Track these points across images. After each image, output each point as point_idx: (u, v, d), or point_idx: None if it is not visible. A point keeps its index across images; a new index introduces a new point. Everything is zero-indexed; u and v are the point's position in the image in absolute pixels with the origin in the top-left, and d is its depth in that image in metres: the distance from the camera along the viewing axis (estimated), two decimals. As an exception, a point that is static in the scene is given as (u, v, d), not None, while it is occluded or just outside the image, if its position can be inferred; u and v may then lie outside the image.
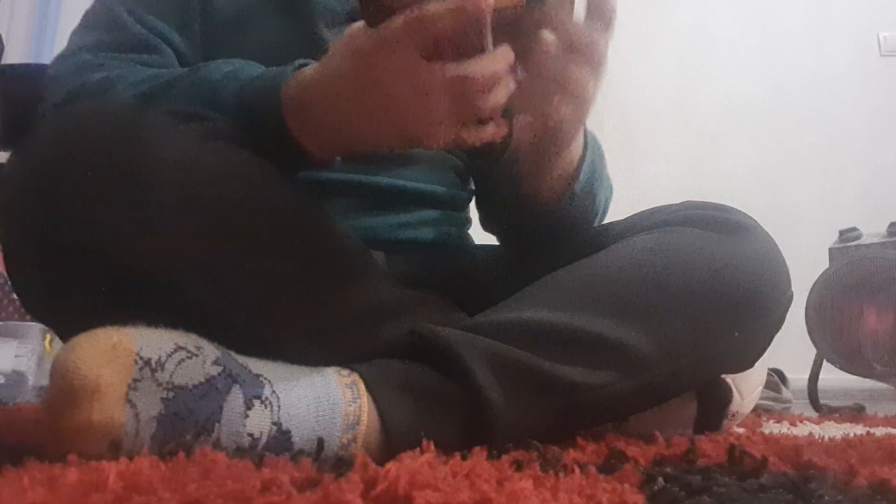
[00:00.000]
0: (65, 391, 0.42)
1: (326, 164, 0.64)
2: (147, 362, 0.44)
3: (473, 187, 0.92)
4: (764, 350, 0.71)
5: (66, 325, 0.57)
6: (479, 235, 0.91)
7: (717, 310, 0.64)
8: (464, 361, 0.56)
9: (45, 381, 1.39)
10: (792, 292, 0.70)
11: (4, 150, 1.56)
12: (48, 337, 1.49)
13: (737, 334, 0.65)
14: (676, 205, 0.72)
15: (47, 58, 2.51)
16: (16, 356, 1.44)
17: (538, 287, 0.64)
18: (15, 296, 1.55)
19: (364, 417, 0.52)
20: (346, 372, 0.55)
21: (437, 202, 0.85)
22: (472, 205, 0.93)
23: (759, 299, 0.66)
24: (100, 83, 0.68)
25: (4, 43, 1.69)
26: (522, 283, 0.65)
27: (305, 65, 0.61)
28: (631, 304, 0.61)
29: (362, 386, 0.54)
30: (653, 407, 0.67)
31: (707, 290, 0.63)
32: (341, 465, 0.43)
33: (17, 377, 1.43)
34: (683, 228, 0.67)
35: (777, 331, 0.69)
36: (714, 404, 0.74)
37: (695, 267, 0.64)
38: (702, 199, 0.72)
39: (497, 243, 0.86)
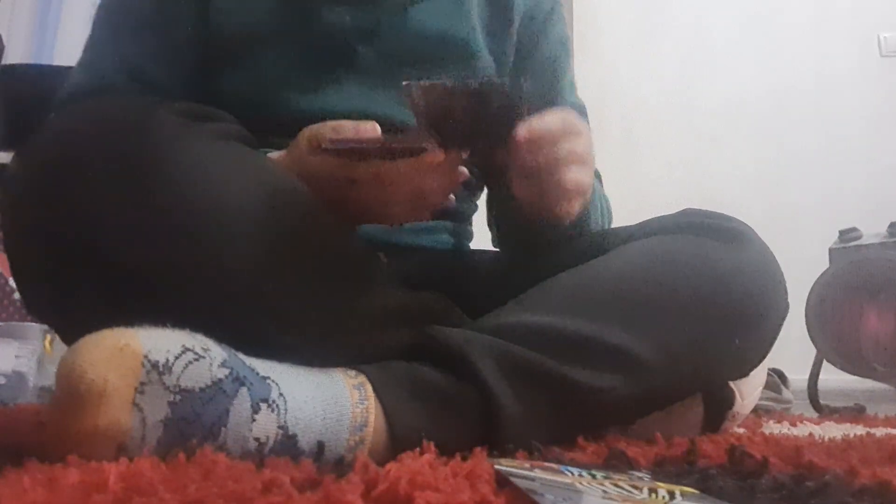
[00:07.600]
0: (71, 395, 0.42)
1: None
2: (154, 365, 0.44)
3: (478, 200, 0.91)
4: (762, 358, 0.71)
5: (70, 326, 0.57)
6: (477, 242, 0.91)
7: (718, 316, 0.63)
8: (472, 361, 0.55)
9: (45, 382, 1.39)
10: (788, 302, 0.70)
11: (4, 151, 1.56)
12: (48, 337, 1.48)
13: (737, 341, 0.65)
14: (675, 213, 0.72)
15: (47, 58, 2.50)
16: (16, 357, 1.43)
17: (541, 290, 0.64)
18: (15, 296, 1.55)
19: (372, 419, 0.52)
20: (353, 373, 0.54)
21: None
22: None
23: (759, 307, 0.66)
24: None
25: (4, 43, 1.69)
26: (521, 288, 0.65)
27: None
28: (633, 310, 0.61)
29: (370, 387, 0.53)
30: (656, 411, 0.66)
31: (710, 296, 0.63)
32: (342, 465, 0.43)
33: (17, 378, 1.42)
34: (683, 235, 0.67)
35: (774, 340, 0.69)
36: (717, 406, 0.74)
37: (697, 274, 0.64)
38: (702, 199, 0.73)
39: (494, 249, 0.86)
